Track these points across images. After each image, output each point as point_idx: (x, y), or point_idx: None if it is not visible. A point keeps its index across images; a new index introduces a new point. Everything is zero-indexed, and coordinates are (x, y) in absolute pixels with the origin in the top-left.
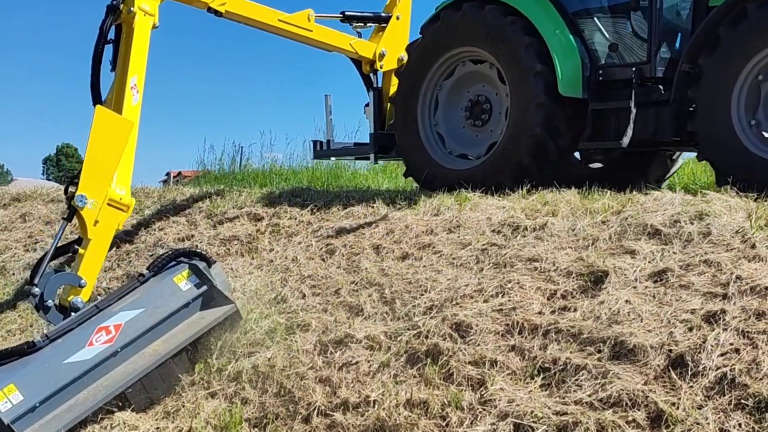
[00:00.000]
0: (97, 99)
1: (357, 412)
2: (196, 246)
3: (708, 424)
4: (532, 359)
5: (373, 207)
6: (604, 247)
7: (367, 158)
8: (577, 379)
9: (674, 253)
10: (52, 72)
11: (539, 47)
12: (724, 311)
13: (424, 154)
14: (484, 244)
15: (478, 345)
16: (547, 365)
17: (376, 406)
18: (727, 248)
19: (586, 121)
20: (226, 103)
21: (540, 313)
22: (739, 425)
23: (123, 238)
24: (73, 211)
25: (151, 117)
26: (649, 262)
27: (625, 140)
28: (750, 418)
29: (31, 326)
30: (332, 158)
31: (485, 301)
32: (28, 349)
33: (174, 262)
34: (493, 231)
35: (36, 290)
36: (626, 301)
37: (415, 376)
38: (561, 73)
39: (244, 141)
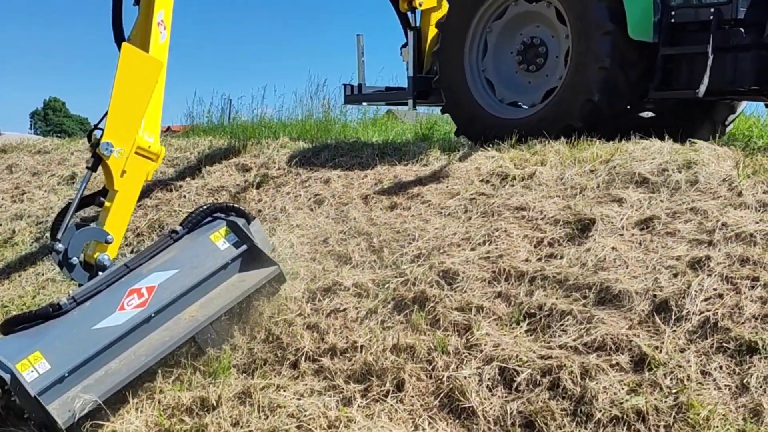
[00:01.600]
0: (119, 37)
1: (344, 357)
2: (184, 196)
3: (690, 366)
4: (518, 305)
5: (361, 158)
6: (592, 196)
7: (403, 104)
8: (562, 324)
9: (661, 201)
10: (38, 23)
11: None
12: (709, 257)
13: (472, 104)
14: (472, 194)
15: (465, 292)
16: (532, 311)
17: (363, 351)
18: (713, 196)
19: (656, 68)
20: (217, 58)
21: (526, 260)
22: (720, 368)
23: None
24: (98, 160)
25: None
26: (636, 210)
27: (702, 89)
28: (731, 361)
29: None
30: (364, 103)
31: (472, 249)
32: (54, 312)
33: (210, 218)
34: (482, 181)
35: (60, 246)
36: (612, 248)
37: (402, 322)
38: (630, 15)
39: (234, 96)
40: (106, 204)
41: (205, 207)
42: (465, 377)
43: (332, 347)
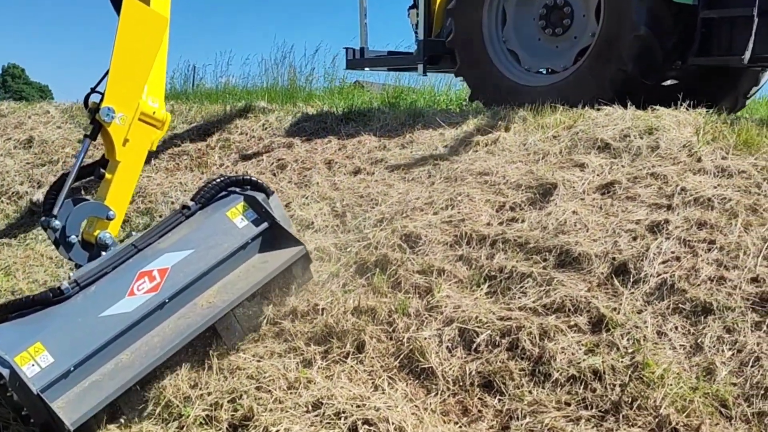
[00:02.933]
0: None
1: (305, 319)
2: (150, 159)
3: (646, 327)
4: (479, 268)
5: (326, 123)
6: (554, 161)
7: (410, 69)
8: (522, 287)
9: (623, 166)
10: None
11: None
12: (667, 221)
13: (489, 66)
14: (436, 159)
15: (427, 255)
16: (493, 274)
17: (324, 314)
18: (674, 161)
19: (694, 33)
20: (181, 24)
21: (488, 224)
22: (676, 328)
23: (67, 155)
24: (97, 127)
25: (98, 36)
26: (598, 175)
27: (747, 55)
28: (686, 322)
29: None
30: (366, 69)
31: (435, 213)
32: (54, 297)
33: (224, 193)
34: (446, 146)
35: (56, 223)
36: (573, 212)
37: (363, 285)
38: None
39: (199, 63)
40: (107, 176)
41: (218, 180)
42: (425, 338)
43: (293, 310)
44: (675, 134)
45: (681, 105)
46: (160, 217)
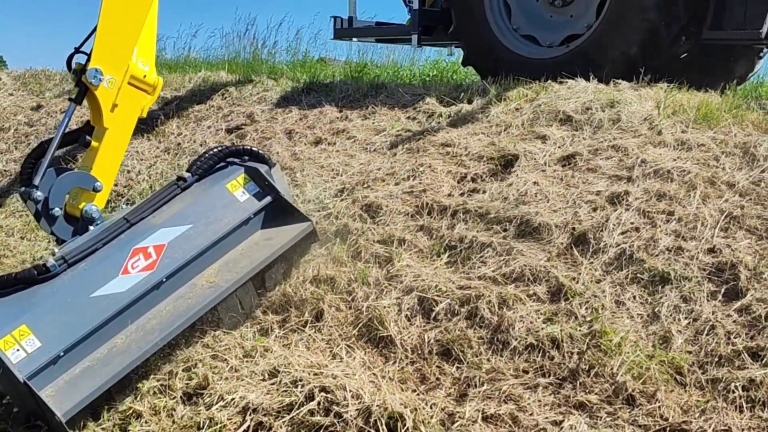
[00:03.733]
0: None
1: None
2: None
3: (605, 296)
4: (440, 238)
5: (287, 94)
6: (516, 133)
7: (401, 41)
8: (482, 257)
9: (584, 138)
10: None
11: None
12: (627, 192)
13: (487, 31)
14: (398, 130)
15: (387, 225)
16: (453, 244)
17: (283, 283)
18: (634, 134)
19: (708, 6)
20: None
21: (449, 195)
22: (634, 298)
23: (19, 122)
24: (83, 90)
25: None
26: (559, 147)
27: (765, 29)
28: (644, 291)
29: None
30: (354, 39)
31: (396, 183)
32: (40, 275)
33: (222, 164)
34: (408, 117)
35: (38, 194)
36: (534, 183)
37: (323, 255)
38: None
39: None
40: (93, 144)
41: (216, 149)
42: (384, 307)
43: None
44: (636, 108)
45: (642, 80)
46: (116, 186)
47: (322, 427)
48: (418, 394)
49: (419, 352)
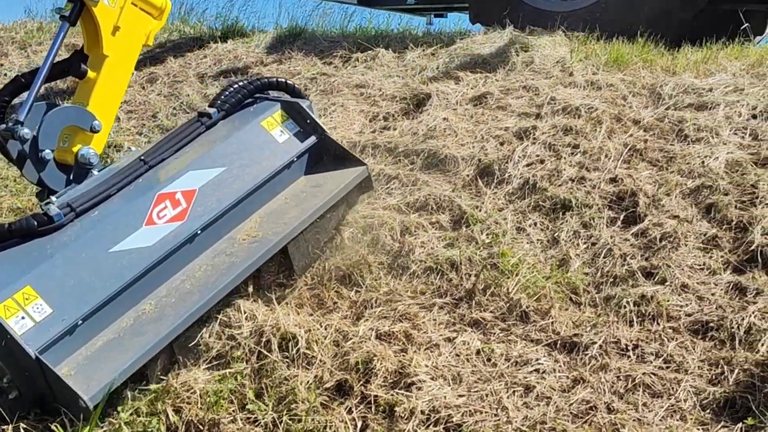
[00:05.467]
0: None
1: None
2: (4, 75)
3: (506, 223)
4: None
5: (202, 41)
6: (431, 75)
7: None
8: (388, 188)
9: (497, 80)
10: None
11: None
12: (535, 128)
13: None
14: (313, 74)
15: None
16: None
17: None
18: (546, 76)
19: None
20: None
21: (360, 132)
22: (535, 224)
23: None
24: (78, 7)
25: None
26: (472, 87)
27: None
28: (546, 218)
29: None
30: (382, 8)
31: None
32: (41, 226)
33: (251, 99)
34: (324, 62)
35: (25, 131)
36: (444, 119)
37: None
38: None
39: None
40: (90, 74)
41: (243, 82)
42: None
43: None
44: (550, 51)
45: (558, 29)
46: None
47: (215, 349)
48: (313, 317)
49: (318, 279)
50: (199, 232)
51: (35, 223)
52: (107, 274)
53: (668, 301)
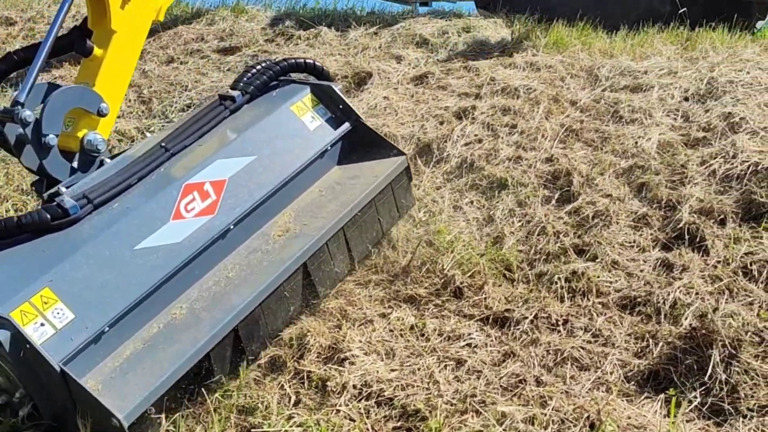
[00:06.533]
0: None
1: None
2: None
3: (443, 201)
4: None
5: None
6: (373, 54)
7: None
8: None
9: (438, 60)
10: None
11: None
12: (474, 108)
13: None
14: (255, 51)
15: None
16: None
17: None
18: (487, 57)
19: None
20: None
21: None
22: (472, 202)
23: None
24: None
25: None
26: (414, 67)
27: None
28: (482, 197)
29: None
30: None
31: None
32: (55, 220)
33: (276, 82)
34: (267, 40)
35: (27, 114)
36: (385, 98)
37: None
38: None
39: None
40: (97, 52)
41: (267, 62)
42: None
43: None
44: (491, 33)
45: (501, 11)
46: None
47: None
48: None
49: None
50: (232, 227)
51: (48, 216)
52: (134, 274)
53: (598, 277)
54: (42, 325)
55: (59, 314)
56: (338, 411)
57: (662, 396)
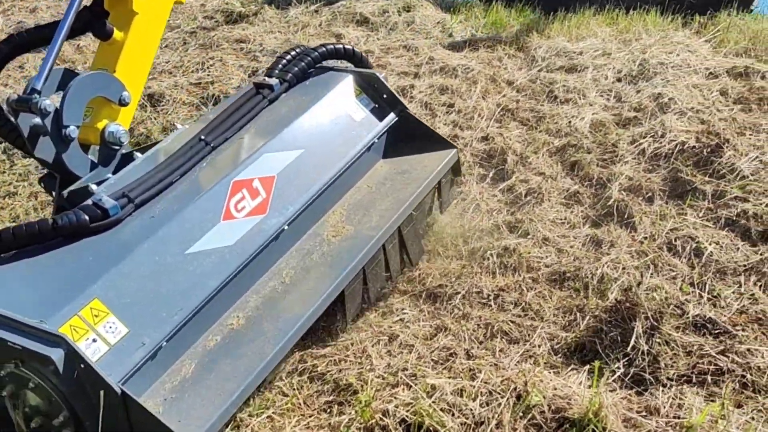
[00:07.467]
0: None
1: None
2: None
3: None
4: None
5: None
6: (313, 32)
7: None
8: None
9: (378, 38)
10: None
11: None
12: (413, 87)
13: None
14: (193, 28)
15: (169, 114)
16: None
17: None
18: (426, 36)
19: None
20: None
21: (238, 86)
22: None
23: None
24: None
25: None
26: (353, 45)
27: None
28: None
29: None
30: None
31: (184, 74)
32: (94, 222)
33: (313, 70)
34: (206, 17)
35: (47, 103)
36: None
37: None
38: None
39: None
40: (116, 35)
41: (304, 48)
42: None
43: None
44: (431, 12)
45: None
46: None
47: None
48: None
49: None
50: (285, 227)
51: (86, 217)
52: (188, 281)
53: (529, 253)
54: (94, 341)
55: (112, 328)
56: (272, 386)
57: (587, 367)
